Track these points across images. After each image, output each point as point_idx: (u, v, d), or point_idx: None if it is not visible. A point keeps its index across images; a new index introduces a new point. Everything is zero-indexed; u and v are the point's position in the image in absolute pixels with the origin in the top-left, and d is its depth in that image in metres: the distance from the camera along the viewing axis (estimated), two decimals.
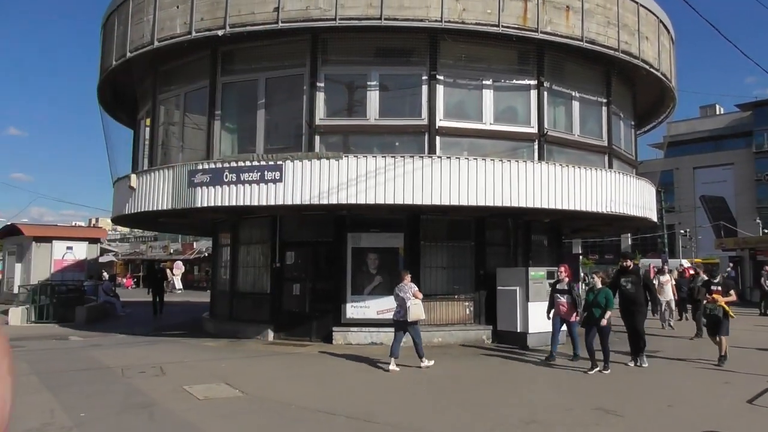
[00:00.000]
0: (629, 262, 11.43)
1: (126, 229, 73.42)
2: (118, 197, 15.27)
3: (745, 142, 65.29)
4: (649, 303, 11.82)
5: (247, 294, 15.22)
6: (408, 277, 10.76)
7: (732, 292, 10.96)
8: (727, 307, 10.70)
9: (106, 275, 28.00)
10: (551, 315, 11.52)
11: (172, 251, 46.80)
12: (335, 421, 7.05)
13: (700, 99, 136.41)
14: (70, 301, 19.30)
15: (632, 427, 6.73)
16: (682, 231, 55.44)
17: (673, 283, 17.70)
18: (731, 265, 30.50)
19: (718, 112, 73.59)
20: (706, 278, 12.40)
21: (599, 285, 10.49)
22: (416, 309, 10.36)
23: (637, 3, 13.91)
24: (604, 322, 10.10)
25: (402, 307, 10.44)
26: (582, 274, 36.01)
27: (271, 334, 14.16)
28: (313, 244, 14.44)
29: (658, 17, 14.80)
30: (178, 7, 12.66)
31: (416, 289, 10.60)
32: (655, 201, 16.84)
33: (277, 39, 12.53)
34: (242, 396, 8.34)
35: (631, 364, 10.70)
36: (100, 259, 47.79)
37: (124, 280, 46.13)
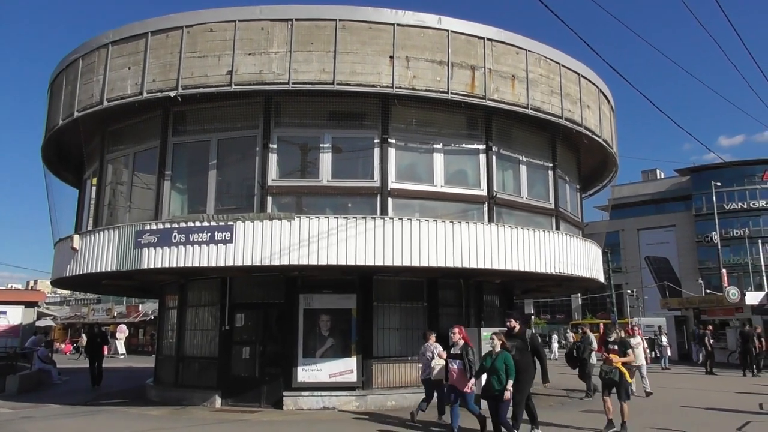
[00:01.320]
0: (513, 323, 9.88)
1: (67, 292, 70.45)
2: (59, 259, 14.71)
3: (685, 206, 68.52)
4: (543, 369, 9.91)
5: (194, 358, 14.65)
6: (432, 338, 11.58)
7: (629, 352, 10.26)
8: (623, 369, 10.00)
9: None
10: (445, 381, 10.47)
11: (116, 314, 44.98)
12: None
13: (642, 164, 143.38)
14: (1, 369, 18.15)
15: None
16: (629, 291, 56.76)
17: (645, 345, 17.00)
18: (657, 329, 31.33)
19: (658, 177, 77.27)
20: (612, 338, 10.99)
21: (498, 348, 8.99)
22: (440, 369, 11.04)
23: (578, 74, 14.71)
24: (507, 395, 8.64)
25: (428, 366, 11.20)
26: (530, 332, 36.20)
27: (218, 401, 13.60)
28: (264, 306, 14.13)
29: (598, 87, 15.66)
30: (129, 68, 12.68)
31: (441, 349, 11.19)
32: (602, 261, 17.28)
33: (230, 101, 12.62)
34: None
35: None
36: (37, 323, 45.61)
37: (63, 346, 43.84)
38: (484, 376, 9.35)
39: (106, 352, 39.72)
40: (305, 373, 13.27)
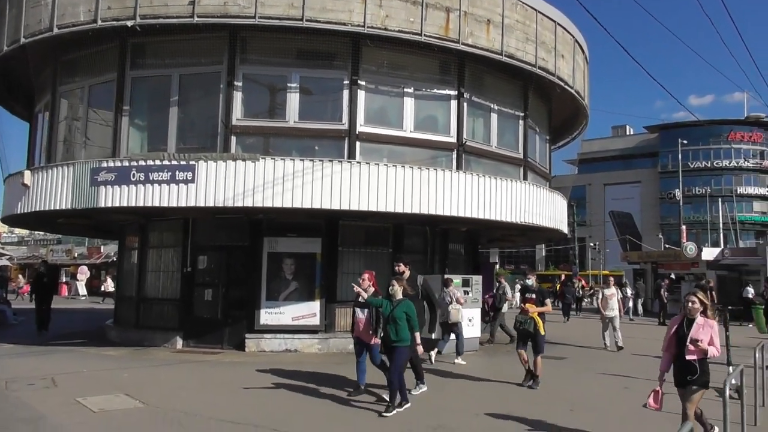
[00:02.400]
0: (402, 267, 9.02)
1: (25, 232, 68.75)
2: (9, 195, 14.12)
3: (652, 162, 69.53)
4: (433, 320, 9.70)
5: (156, 300, 14.45)
6: (452, 284, 12.44)
7: (547, 301, 9.80)
8: (539, 320, 9.35)
9: None
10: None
11: (76, 255, 44.14)
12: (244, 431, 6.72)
13: (613, 119, 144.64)
14: None
15: None
16: (591, 244, 57.95)
17: (620, 297, 16.51)
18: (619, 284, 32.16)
19: (628, 133, 77.99)
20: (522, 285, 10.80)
21: (399, 295, 7.89)
22: (456, 313, 11.97)
23: (554, 22, 14.40)
24: (419, 349, 7.93)
25: (446, 310, 11.95)
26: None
27: (180, 342, 13.51)
28: (228, 249, 13.90)
29: (573, 37, 15.39)
30: None
31: (459, 295, 12.30)
32: (566, 214, 17.41)
33: (193, 34, 11.99)
34: (142, 407, 7.82)
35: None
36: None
37: (21, 286, 43.02)
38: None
39: (66, 293, 39.14)
40: (268, 316, 13.22)
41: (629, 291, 27.53)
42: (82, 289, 38.60)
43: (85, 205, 11.97)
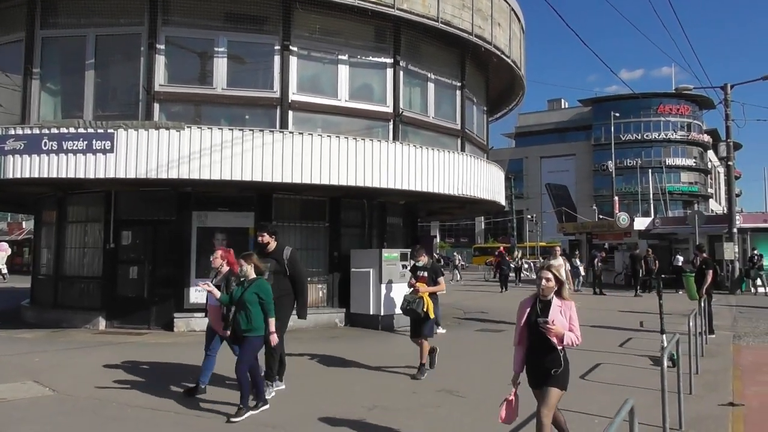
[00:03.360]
0: (266, 238, 7.36)
1: None
2: None
3: (586, 135, 71.48)
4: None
5: (75, 278, 13.61)
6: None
7: (441, 280, 8.65)
8: (429, 301, 8.21)
9: None
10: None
11: None
12: (162, 419, 6.27)
13: (549, 93, 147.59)
14: None
15: None
16: (528, 216, 59.29)
17: (568, 268, 14.95)
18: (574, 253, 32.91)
19: (563, 107, 79.68)
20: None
21: (252, 274, 6.43)
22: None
23: None
24: (273, 338, 6.39)
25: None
26: (437, 256, 37.20)
27: (102, 323, 12.80)
28: (154, 223, 13.16)
29: (510, 5, 15.23)
30: None
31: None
32: (504, 186, 17.45)
33: None
34: (52, 395, 7.25)
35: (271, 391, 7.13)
36: None
37: None
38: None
39: None
40: (198, 294, 12.61)
41: (578, 262, 26.66)
42: (2, 268, 36.45)
43: None
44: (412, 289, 8.55)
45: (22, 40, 11.79)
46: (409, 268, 9.87)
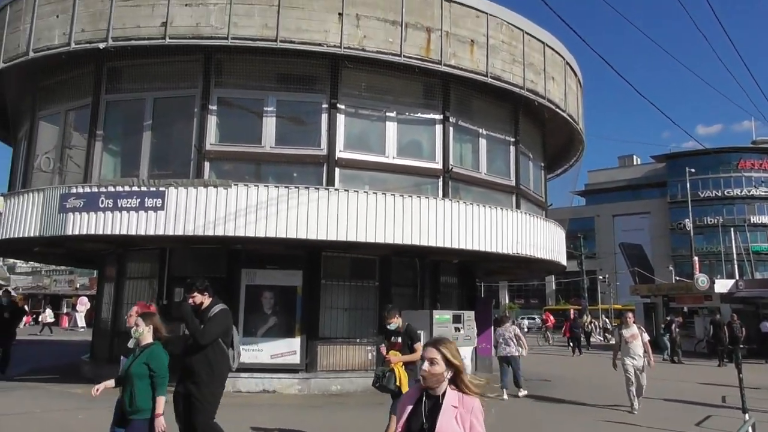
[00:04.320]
0: (196, 297, 6.03)
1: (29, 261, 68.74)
2: None
3: (660, 192, 68.52)
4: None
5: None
6: (510, 321, 13.13)
7: (417, 346, 7.14)
8: (403, 374, 6.99)
9: None
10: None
11: (78, 286, 43.82)
12: None
13: (619, 149, 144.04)
14: None
15: None
16: (600, 277, 56.77)
17: (647, 340, 10.93)
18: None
19: (635, 163, 77.20)
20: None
21: (149, 338, 5.22)
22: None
23: (543, 43, 13.94)
24: (159, 423, 4.96)
25: (507, 345, 12.40)
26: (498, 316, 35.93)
27: None
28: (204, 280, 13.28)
29: (564, 59, 14.91)
30: (57, 16, 11.63)
31: (518, 331, 12.84)
32: (565, 245, 16.63)
33: (167, 57, 11.67)
34: None
35: None
36: None
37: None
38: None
39: (66, 324, 38.46)
40: (245, 354, 12.23)
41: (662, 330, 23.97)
42: (81, 321, 38.09)
43: (52, 233, 11.48)
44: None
45: (89, 104, 12.47)
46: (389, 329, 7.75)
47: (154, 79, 12.12)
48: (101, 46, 11.08)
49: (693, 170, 47.44)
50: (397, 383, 6.94)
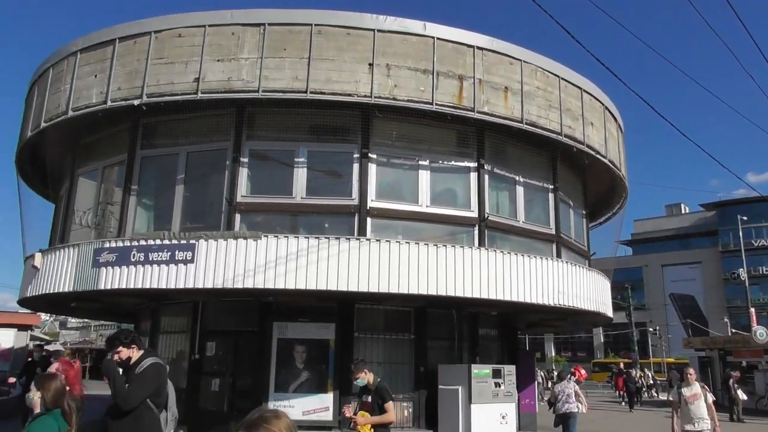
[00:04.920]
0: (122, 352, 5.11)
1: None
2: (24, 278, 13.88)
3: (711, 241, 66.10)
4: None
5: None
6: (569, 377, 12.98)
7: (389, 406, 6.43)
8: None
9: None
10: None
11: None
12: None
13: (666, 198, 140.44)
14: None
15: None
16: (650, 329, 54.43)
17: (711, 401, 9.36)
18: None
19: (683, 211, 75.08)
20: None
21: (37, 407, 4.11)
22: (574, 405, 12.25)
23: (580, 89, 13.64)
24: None
25: (568, 401, 12.28)
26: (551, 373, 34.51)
27: None
28: (236, 334, 13.04)
29: (603, 104, 14.54)
30: (96, 76, 11.97)
31: (578, 387, 12.63)
32: (610, 296, 15.83)
33: (200, 112, 11.80)
34: None
35: None
36: (49, 348, 44.90)
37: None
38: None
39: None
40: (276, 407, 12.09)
41: (735, 385, 21.41)
42: None
43: (85, 288, 11.48)
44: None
45: (124, 161, 12.68)
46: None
47: (188, 134, 12.26)
48: (136, 102, 11.30)
49: (745, 218, 45.60)
50: None
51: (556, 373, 22.89)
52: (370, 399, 6.51)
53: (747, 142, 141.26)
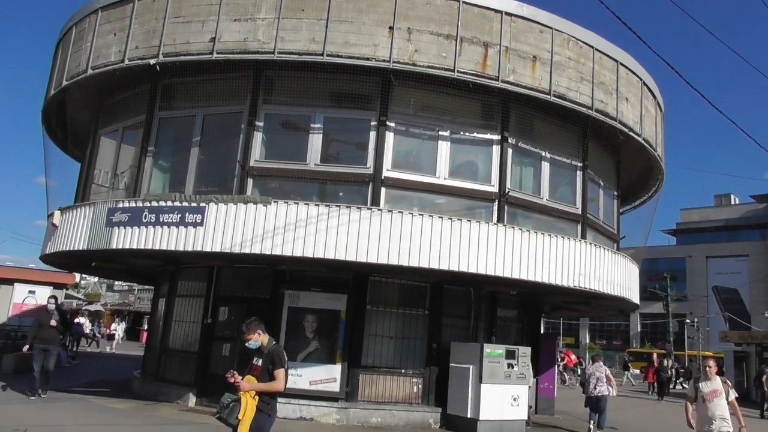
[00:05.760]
0: None
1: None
2: (46, 234, 14.09)
3: (761, 234, 63.50)
4: None
5: (176, 352, 13.67)
6: (600, 360, 13.61)
7: (279, 373, 5.77)
8: (250, 404, 5.63)
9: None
10: None
11: None
12: None
13: (716, 188, 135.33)
14: (6, 347, 17.87)
15: None
16: (688, 321, 52.82)
17: (732, 397, 8.04)
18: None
19: (732, 202, 72.28)
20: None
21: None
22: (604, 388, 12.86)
23: (616, 61, 12.87)
24: None
25: (599, 384, 12.85)
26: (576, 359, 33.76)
27: (192, 399, 12.56)
28: (249, 300, 12.97)
29: (641, 79, 13.71)
30: (115, 34, 11.86)
31: (609, 371, 13.27)
32: (638, 282, 15.12)
33: (218, 74, 11.59)
34: None
35: None
36: (89, 308, 46.37)
37: (106, 330, 44.37)
38: None
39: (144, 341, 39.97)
40: None
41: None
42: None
43: (98, 246, 11.53)
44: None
45: (143, 122, 12.61)
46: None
47: (206, 96, 12.06)
48: (152, 61, 11.15)
49: None
50: (239, 416, 5.53)
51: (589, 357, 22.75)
52: (260, 363, 5.89)
53: None
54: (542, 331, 19.66)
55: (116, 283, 74.28)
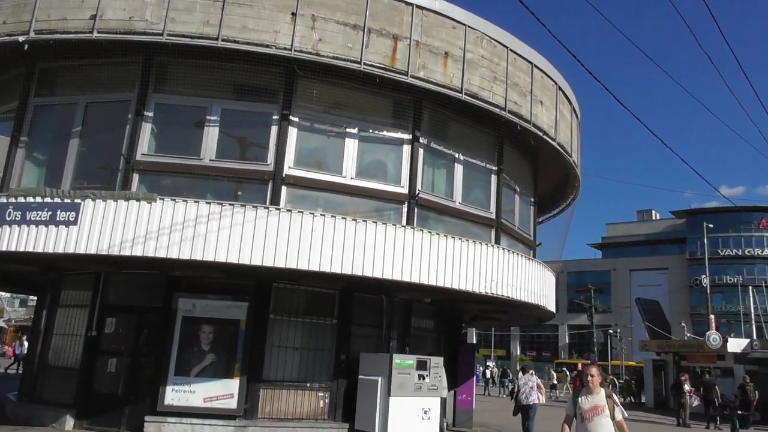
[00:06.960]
0: None
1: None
2: None
3: (680, 249, 66.36)
4: None
5: (56, 369, 12.23)
6: (531, 371, 13.79)
7: None
8: None
9: None
10: None
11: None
12: None
13: (638, 203, 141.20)
14: None
15: None
16: (611, 331, 54.28)
17: (621, 417, 6.11)
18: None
19: (654, 218, 75.41)
20: None
21: None
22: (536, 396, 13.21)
23: (530, 63, 12.57)
24: None
25: (531, 394, 13.14)
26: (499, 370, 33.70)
27: (70, 422, 11.20)
28: (140, 310, 11.76)
29: (556, 83, 13.50)
30: None
31: (540, 381, 13.59)
32: (554, 290, 14.86)
33: (104, 58, 10.49)
34: None
35: None
36: None
37: (7, 348, 41.13)
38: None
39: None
40: (175, 395, 10.88)
41: (687, 387, 21.39)
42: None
43: None
44: None
45: (15, 109, 11.29)
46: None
47: (90, 82, 10.91)
48: (21, 39, 9.92)
49: (711, 226, 45.48)
50: None
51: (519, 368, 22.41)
52: None
53: (722, 156, 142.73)
54: (469, 342, 19.30)
55: (30, 297, 69.76)
